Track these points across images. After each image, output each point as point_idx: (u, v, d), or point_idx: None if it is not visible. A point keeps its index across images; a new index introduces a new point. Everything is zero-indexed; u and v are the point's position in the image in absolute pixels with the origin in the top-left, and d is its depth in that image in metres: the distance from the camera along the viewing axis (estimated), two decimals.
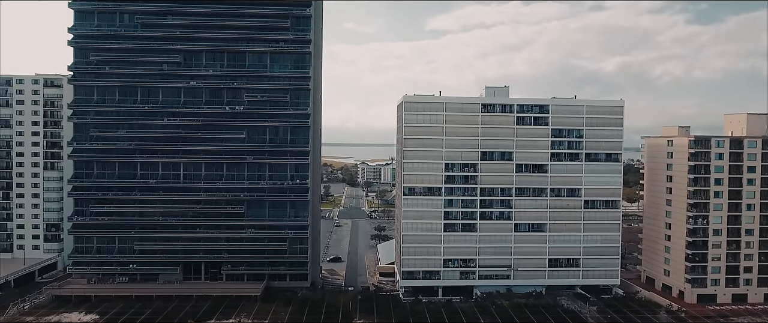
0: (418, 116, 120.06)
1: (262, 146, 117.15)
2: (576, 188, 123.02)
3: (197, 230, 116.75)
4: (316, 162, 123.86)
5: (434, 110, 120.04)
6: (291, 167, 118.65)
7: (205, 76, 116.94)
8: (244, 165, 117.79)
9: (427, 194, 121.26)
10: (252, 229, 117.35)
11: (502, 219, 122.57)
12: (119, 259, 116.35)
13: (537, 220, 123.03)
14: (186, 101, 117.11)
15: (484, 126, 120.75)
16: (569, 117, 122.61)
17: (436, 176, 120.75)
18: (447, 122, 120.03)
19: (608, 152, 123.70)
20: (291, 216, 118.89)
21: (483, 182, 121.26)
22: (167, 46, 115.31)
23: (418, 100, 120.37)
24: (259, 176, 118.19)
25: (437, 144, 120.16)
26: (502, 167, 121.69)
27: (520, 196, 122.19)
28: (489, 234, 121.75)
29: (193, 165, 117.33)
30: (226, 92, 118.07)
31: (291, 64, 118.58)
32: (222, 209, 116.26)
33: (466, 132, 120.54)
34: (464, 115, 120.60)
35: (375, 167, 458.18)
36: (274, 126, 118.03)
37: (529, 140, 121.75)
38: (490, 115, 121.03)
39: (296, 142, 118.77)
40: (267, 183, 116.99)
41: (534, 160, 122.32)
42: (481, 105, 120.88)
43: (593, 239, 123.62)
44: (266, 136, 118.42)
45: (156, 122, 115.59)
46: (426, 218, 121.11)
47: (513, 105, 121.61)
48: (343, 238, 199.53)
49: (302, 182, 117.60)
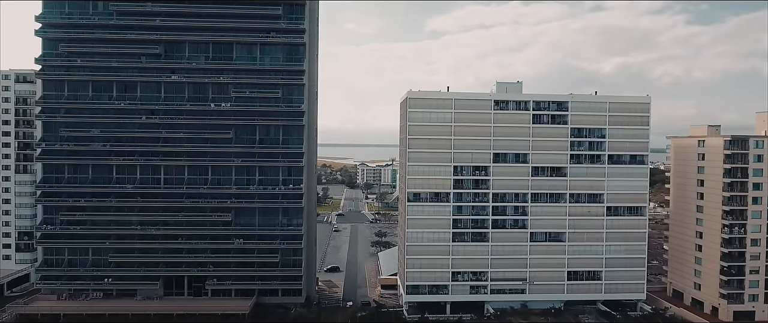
0: (424, 114, 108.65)
1: (251, 147, 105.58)
2: (598, 193, 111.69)
3: (179, 240, 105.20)
4: (311, 165, 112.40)
5: (442, 107, 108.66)
6: (283, 171, 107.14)
7: (187, 69, 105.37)
8: (231, 168, 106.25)
9: (433, 201, 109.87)
10: (240, 239, 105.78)
11: (517, 228, 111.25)
12: (93, 273, 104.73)
13: (555, 228, 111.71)
14: (167, 98, 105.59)
15: (497, 125, 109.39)
16: (590, 115, 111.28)
17: (444, 180, 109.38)
18: (456, 121, 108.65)
19: (633, 154, 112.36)
20: (283, 225, 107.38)
21: (495, 187, 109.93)
22: (146, 36, 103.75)
23: (425, 96, 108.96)
24: (248, 180, 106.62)
25: (445, 145, 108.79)
26: (516, 170, 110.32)
27: (537, 202, 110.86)
28: (502, 244, 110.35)
29: (174, 168, 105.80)
30: (211, 88, 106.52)
31: (283, 57, 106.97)
32: (207, 216, 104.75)
33: (476, 132, 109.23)
34: (475, 113, 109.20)
35: (375, 168, 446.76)
36: (264, 125, 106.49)
37: (547, 141, 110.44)
38: (503, 113, 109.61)
39: (289, 142, 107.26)
40: (257, 188, 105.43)
41: (551, 162, 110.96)
42: (493, 102, 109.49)
43: (617, 250, 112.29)
44: (256, 136, 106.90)
45: (133, 120, 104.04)
46: (432, 226, 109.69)
47: (528, 102, 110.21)
48: (342, 244, 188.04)
49: (296, 187, 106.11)
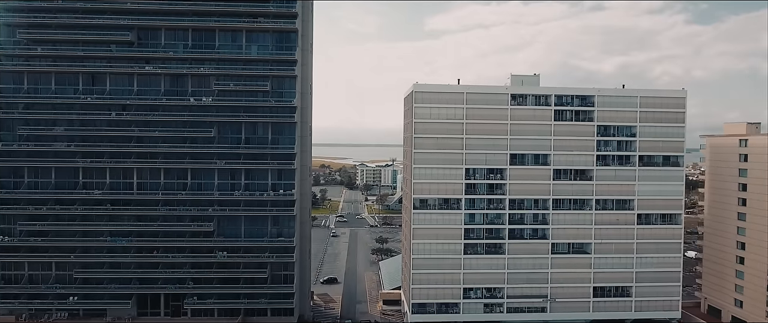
0: (432, 110, 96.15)
1: (236, 147, 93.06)
2: (627, 199, 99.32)
3: (155, 253, 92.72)
4: (304, 167, 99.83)
5: (452, 102, 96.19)
6: (273, 174, 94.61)
7: (164, 59, 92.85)
8: (213, 172, 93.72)
9: (442, 208, 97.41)
10: (223, 252, 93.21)
11: (536, 238, 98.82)
12: (56, 290, 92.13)
13: (579, 239, 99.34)
14: (140, 91, 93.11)
15: (514, 122, 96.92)
16: (619, 111, 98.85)
17: (455, 185, 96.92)
18: (468, 117, 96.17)
19: (666, 155, 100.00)
20: (273, 235, 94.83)
21: (512, 192, 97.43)
22: (116, 21, 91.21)
23: (433, 90, 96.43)
24: (232, 185, 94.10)
25: (456, 145, 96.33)
26: (535, 174, 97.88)
27: (559, 209, 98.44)
28: (520, 257, 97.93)
29: (149, 172, 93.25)
30: (190, 80, 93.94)
31: (272, 45, 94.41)
32: (186, 227, 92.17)
33: (491, 130, 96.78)
34: (489, 108, 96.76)
35: (375, 169, 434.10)
36: (251, 122, 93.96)
37: (570, 140, 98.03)
38: (521, 108, 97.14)
39: (279, 142, 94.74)
40: (243, 194, 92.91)
41: (575, 164, 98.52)
42: (509, 96, 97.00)
43: (648, 263, 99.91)
44: (241, 134, 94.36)
45: (102, 117, 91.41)
46: (441, 236, 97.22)
47: (549, 96, 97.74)
48: (340, 251, 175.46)
49: (287, 193, 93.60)
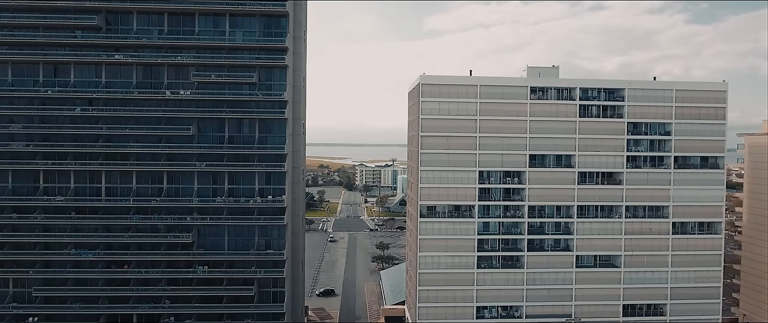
0: (441, 105, 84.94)
1: (218, 147, 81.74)
2: (661, 206, 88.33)
3: (126, 268, 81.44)
4: (296, 169, 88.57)
5: (464, 95, 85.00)
6: (260, 178, 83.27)
7: (136, 46, 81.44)
8: (192, 175, 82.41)
9: (453, 215, 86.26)
10: (204, 267, 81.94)
11: (559, 250, 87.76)
12: (13, 310, 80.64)
13: (606, 250, 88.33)
14: (109, 83, 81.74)
15: (535, 119, 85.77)
16: (652, 106, 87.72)
17: (467, 190, 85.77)
18: (482, 113, 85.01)
19: (705, 156, 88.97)
20: (260, 247, 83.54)
21: (532, 198, 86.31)
22: (82, 3, 79.68)
23: (442, 82, 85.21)
24: (214, 190, 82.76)
25: (468, 144, 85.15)
26: (558, 177, 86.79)
27: (584, 217, 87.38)
28: (540, 271, 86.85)
29: (119, 175, 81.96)
30: (166, 71, 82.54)
31: (260, 31, 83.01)
32: (161, 238, 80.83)
33: (508, 127, 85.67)
34: (506, 103, 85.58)
35: (374, 169, 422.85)
36: (235, 118, 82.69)
37: (597, 139, 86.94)
38: (542, 103, 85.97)
39: (268, 141, 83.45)
40: (226, 200, 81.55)
41: (603, 166, 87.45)
42: (529, 89, 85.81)
43: (685, 277, 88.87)
44: (224, 133, 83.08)
45: (66, 112, 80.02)
46: (452, 248, 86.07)
47: (574, 89, 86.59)
48: (338, 258, 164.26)
49: (276, 199, 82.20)
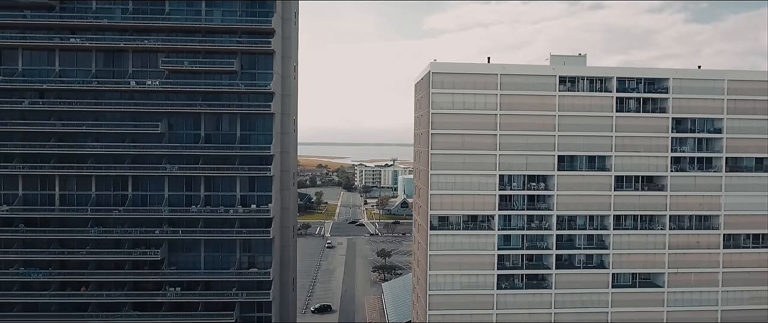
0: (455, 98, 72.44)
1: (192, 147, 69.22)
2: (710, 215, 75.92)
3: (83, 290, 69.05)
4: (286, 173, 76.07)
5: (482, 86, 72.50)
6: (243, 183, 70.84)
7: (95, 28, 68.93)
8: (162, 180, 70.00)
9: (469, 227, 73.78)
10: (176, 288, 69.53)
11: (592, 267, 75.36)
12: None
13: (647, 267, 75.94)
14: (64, 72, 69.34)
15: (564, 114, 73.32)
16: (700, 99, 75.26)
17: (485, 197, 73.28)
18: (503, 107, 72.53)
19: (760, 157, 76.50)
20: (243, 265, 71.15)
21: (560, 206, 73.87)
22: None
23: (455, 71, 72.69)
24: (188, 198, 70.31)
25: (487, 144, 72.67)
26: (591, 182, 74.36)
27: (621, 228, 75.03)
28: (571, 292, 74.46)
29: (76, 180, 69.55)
30: (131, 57, 70.18)
31: (242, 11, 70.42)
32: (126, 255, 68.49)
33: (533, 124, 73.20)
34: (531, 95, 73.07)
35: (374, 169, 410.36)
36: (213, 113, 70.24)
37: (636, 138, 74.50)
38: (573, 96, 73.48)
39: (251, 140, 71.05)
40: (202, 210, 69.04)
41: (643, 169, 75.06)
42: (557, 79, 73.34)
43: (737, 298, 76.52)
44: (201, 130, 70.63)
45: (12, 106, 67.53)
46: (467, 266, 73.61)
47: (610, 79, 74.15)
48: (336, 268, 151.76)
49: (261, 208, 69.72)
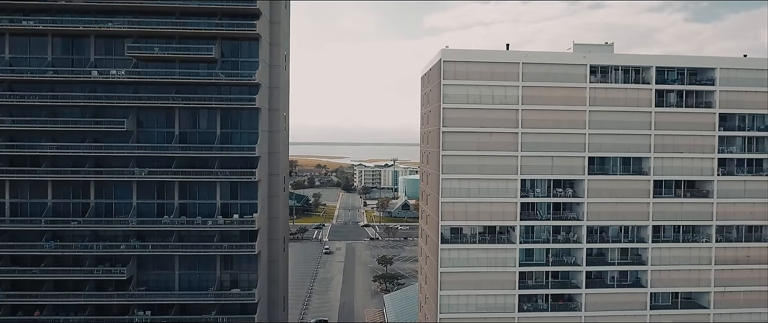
0: (470, 91, 62.56)
1: (164, 148, 59.31)
2: (763, 226, 66.13)
3: (37, 315, 59.13)
4: (275, 178, 66.13)
5: (501, 77, 62.64)
6: (224, 189, 60.98)
7: (52, 9, 59.06)
8: (129, 186, 60.15)
9: (486, 240, 64.00)
10: (146, 312, 59.68)
11: (627, 285, 65.60)
12: None
13: (690, 285, 66.14)
14: (14, 60, 59.40)
15: (596, 109, 63.52)
16: (751, 93, 65.43)
17: (505, 205, 63.45)
18: (525, 101, 62.70)
19: None
20: (224, 285, 61.26)
21: (591, 216, 64.04)
22: None
23: (471, 58, 62.76)
24: (160, 207, 60.50)
25: (507, 143, 62.86)
26: (626, 187, 64.55)
27: (661, 241, 65.26)
28: (603, 314, 64.61)
29: (29, 187, 59.68)
30: (93, 43, 60.27)
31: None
32: (86, 273, 58.66)
33: (560, 120, 63.42)
34: (557, 87, 63.23)
35: (374, 169, 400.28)
36: (188, 108, 60.40)
37: (678, 136, 64.69)
38: (606, 88, 63.66)
39: (234, 139, 61.20)
40: (176, 221, 59.15)
41: (685, 172, 65.28)
42: (588, 69, 63.50)
43: None
44: (174, 128, 60.77)
45: None
46: (484, 285, 63.77)
47: (648, 70, 64.32)
48: (334, 276, 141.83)
49: (245, 219, 59.81)
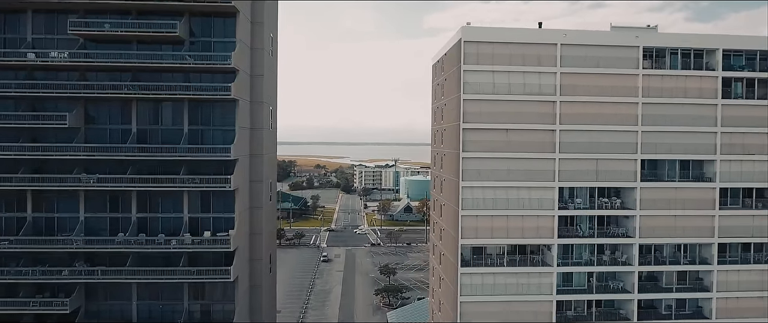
0: (497, 78, 50.89)
1: (117, 149, 47.60)
2: None
3: None
4: (258, 185, 54.42)
5: (533, 61, 51.00)
6: (193, 201, 49.24)
7: None
8: (76, 197, 48.45)
9: (514, 262, 52.40)
10: None
11: (685, 315, 53.98)
12: None
13: (764, 316, 54.49)
14: None
15: (649, 101, 51.94)
16: None
17: (539, 220, 51.83)
18: (564, 91, 51.08)
19: None
20: (194, 316, 49.49)
21: (644, 232, 52.43)
22: None
23: (497, 38, 51.08)
24: (114, 222, 48.80)
25: (541, 143, 51.22)
26: (685, 196, 52.98)
27: (727, 262, 53.60)
28: None
29: None
30: (30, 19, 48.54)
31: None
32: (21, 305, 47.07)
33: (606, 115, 51.78)
34: (604, 75, 51.63)
35: (374, 170, 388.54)
36: (148, 100, 48.71)
37: (749, 134, 53.17)
38: (661, 76, 52.07)
39: (205, 139, 49.51)
40: (132, 240, 47.51)
41: (758, 178, 53.76)
42: (641, 52, 51.87)
43: None
44: (131, 124, 49.08)
45: None
46: (514, 315, 52.13)
47: (712, 54, 52.72)
48: (333, 287, 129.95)
49: (218, 237, 48.11)
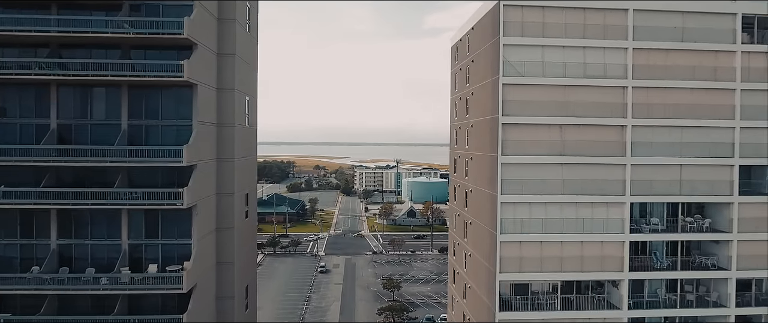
0: (547, 55, 37.81)
1: (30, 153, 34.68)
2: None
3: None
4: (228, 199, 41.35)
5: (596, 33, 37.92)
6: (134, 223, 36.21)
7: None
8: None
9: (570, 303, 39.32)
10: None
11: None
12: None
13: None
14: None
15: (749, 88, 38.88)
16: None
17: (604, 247, 38.71)
18: (638, 74, 38.00)
19: None
20: None
21: (743, 262, 39.30)
22: None
23: (548, 3, 38.08)
24: (27, 251, 35.80)
25: (606, 144, 38.10)
26: None
27: None
28: None
29: None
30: None
31: None
32: None
33: (691, 106, 38.71)
34: (690, 52, 38.58)
35: (375, 171, 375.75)
36: (73, 84, 35.73)
37: None
38: (762, 53, 39.04)
39: (150, 137, 36.51)
40: (49, 278, 34.49)
41: None
42: (740, 22, 38.82)
43: None
44: (50, 118, 36.05)
45: None
46: None
47: None
48: (330, 304, 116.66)
49: (168, 274, 35.01)
